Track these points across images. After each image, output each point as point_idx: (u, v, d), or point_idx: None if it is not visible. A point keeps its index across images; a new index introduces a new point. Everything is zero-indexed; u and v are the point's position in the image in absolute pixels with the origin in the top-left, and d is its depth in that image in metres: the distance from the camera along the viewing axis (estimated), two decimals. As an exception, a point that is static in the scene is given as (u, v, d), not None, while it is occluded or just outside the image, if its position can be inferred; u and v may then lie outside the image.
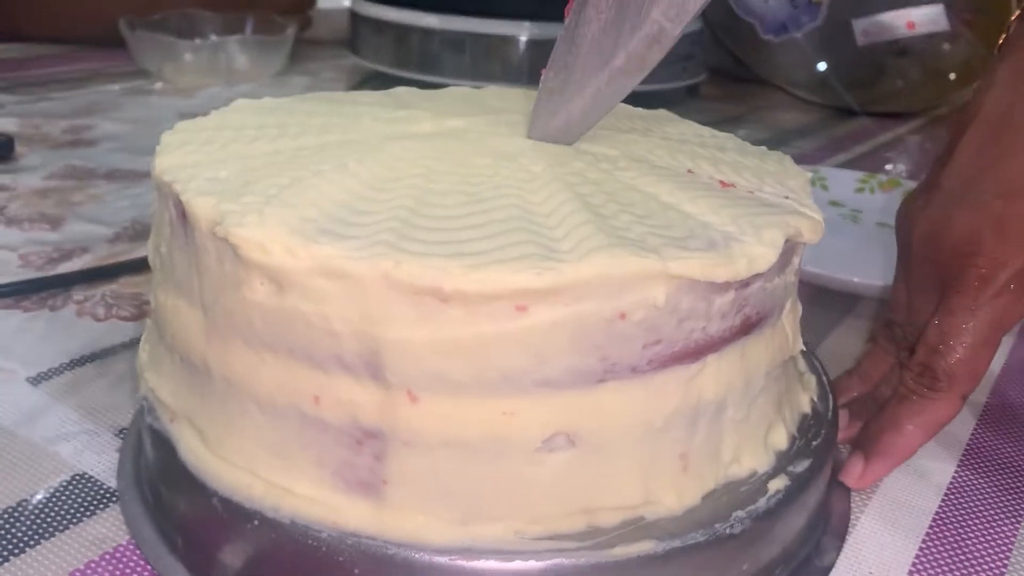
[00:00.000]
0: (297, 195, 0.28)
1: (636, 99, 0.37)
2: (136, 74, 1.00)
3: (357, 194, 0.28)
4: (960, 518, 0.36)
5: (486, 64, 0.91)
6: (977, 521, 0.36)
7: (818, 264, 0.53)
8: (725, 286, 0.27)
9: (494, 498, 0.27)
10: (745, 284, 0.28)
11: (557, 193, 0.29)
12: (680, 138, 0.37)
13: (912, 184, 0.69)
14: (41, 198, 0.63)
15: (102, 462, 0.36)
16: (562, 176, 0.30)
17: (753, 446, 0.31)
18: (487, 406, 0.26)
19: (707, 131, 0.40)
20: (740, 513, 0.29)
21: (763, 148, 0.38)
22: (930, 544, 0.34)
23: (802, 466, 0.31)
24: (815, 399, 0.35)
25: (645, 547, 0.27)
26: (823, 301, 0.53)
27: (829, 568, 0.33)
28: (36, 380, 0.41)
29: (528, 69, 0.90)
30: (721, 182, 0.32)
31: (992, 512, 0.36)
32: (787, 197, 0.31)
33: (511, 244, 0.25)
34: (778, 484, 0.30)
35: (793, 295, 0.33)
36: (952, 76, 1.10)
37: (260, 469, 0.28)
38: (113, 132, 0.80)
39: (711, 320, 0.27)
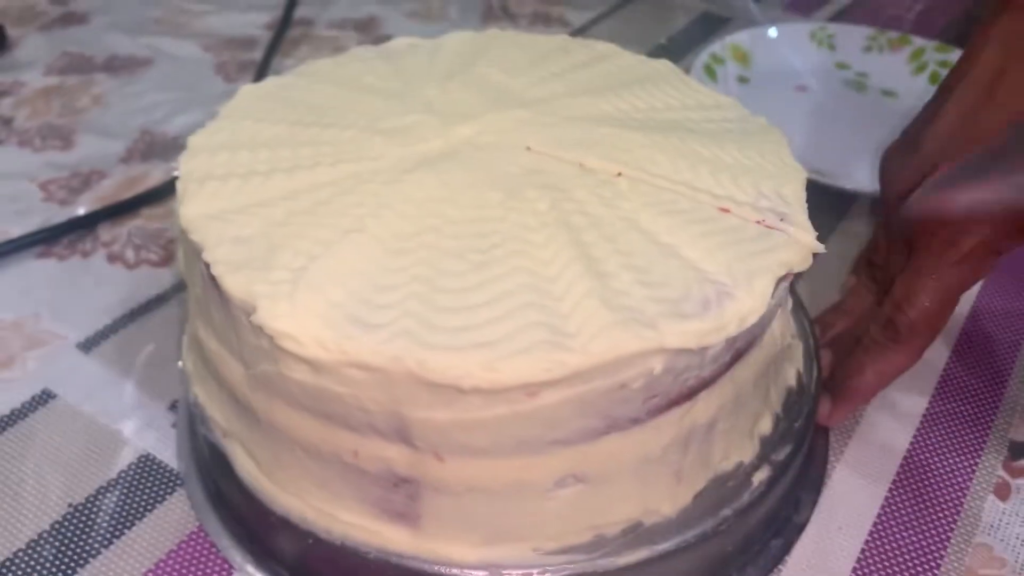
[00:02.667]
0: (323, 272, 0.30)
1: None
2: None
3: (378, 263, 0.30)
4: (926, 456, 0.40)
5: None
6: (941, 456, 0.40)
7: (815, 156, 0.55)
8: (717, 342, 0.30)
9: (514, 525, 0.31)
10: (736, 331, 0.30)
11: (562, 250, 0.31)
12: (681, 120, 0.38)
13: (921, 42, 0.68)
14: (45, 103, 0.63)
15: (161, 439, 0.40)
16: (566, 218, 0.32)
17: (740, 440, 0.35)
18: (505, 464, 0.29)
19: (709, 98, 0.40)
20: (726, 511, 0.33)
21: (763, 122, 0.38)
22: (897, 487, 0.39)
23: (784, 452, 0.35)
24: (800, 370, 0.39)
25: (644, 553, 0.32)
26: (817, 203, 0.55)
27: (804, 524, 0.38)
28: (86, 346, 0.45)
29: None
30: (719, 208, 0.33)
31: (956, 444, 0.41)
32: (782, 219, 0.33)
33: (522, 328, 0.28)
34: (761, 476, 0.34)
35: (784, 299, 0.35)
36: None
37: (309, 498, 0.32)
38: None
39: (704, 367, 0.30)
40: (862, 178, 0.55)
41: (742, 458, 0.35)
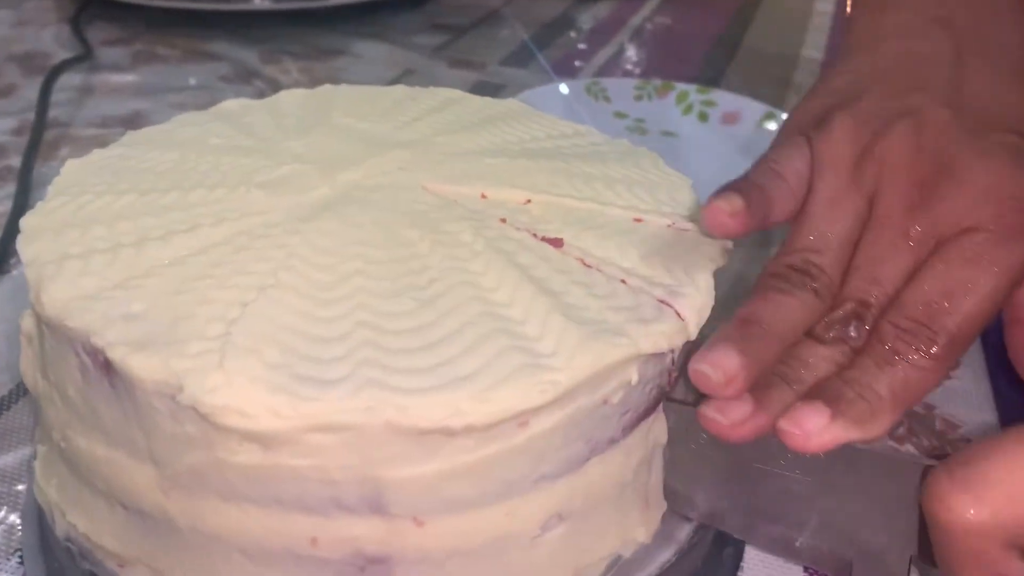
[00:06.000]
0: (249, 333, 0.25)
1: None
2: None
3: (307, 314, 0.26)
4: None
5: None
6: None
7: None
8: (679, 343, 0.29)
9: (499, 584, 0.28)
10: (689, 330, 0.30)
11: (504, 272, 0.29)
12: (555, 148, 0.37)
13: (683, 86, 0.74)
14: None
15: (9, 599, 0.32)
16: (495, 244, 0.30)
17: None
18: (491, 513, 0.26)
19: (568, 127, 0.40)
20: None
21: (626, 144, 0.39)
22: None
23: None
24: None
25: (632, 586, 0.30)
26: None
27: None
28: None
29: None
30: (634, 219, 0.33)
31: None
32: (692, 221, 0.33)
33: (496, 358, 0.25)
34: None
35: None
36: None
37: (253, 610, 0.27)
38: None
39: (663, 375, 0.29)
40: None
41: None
